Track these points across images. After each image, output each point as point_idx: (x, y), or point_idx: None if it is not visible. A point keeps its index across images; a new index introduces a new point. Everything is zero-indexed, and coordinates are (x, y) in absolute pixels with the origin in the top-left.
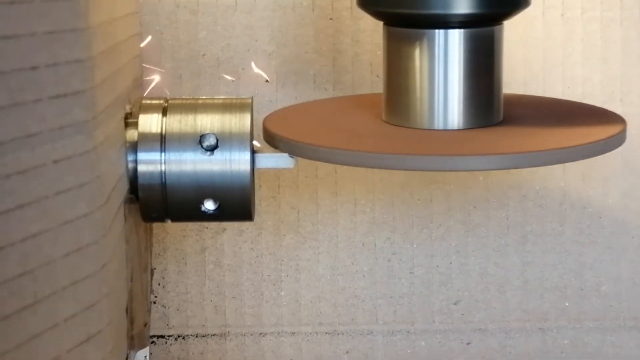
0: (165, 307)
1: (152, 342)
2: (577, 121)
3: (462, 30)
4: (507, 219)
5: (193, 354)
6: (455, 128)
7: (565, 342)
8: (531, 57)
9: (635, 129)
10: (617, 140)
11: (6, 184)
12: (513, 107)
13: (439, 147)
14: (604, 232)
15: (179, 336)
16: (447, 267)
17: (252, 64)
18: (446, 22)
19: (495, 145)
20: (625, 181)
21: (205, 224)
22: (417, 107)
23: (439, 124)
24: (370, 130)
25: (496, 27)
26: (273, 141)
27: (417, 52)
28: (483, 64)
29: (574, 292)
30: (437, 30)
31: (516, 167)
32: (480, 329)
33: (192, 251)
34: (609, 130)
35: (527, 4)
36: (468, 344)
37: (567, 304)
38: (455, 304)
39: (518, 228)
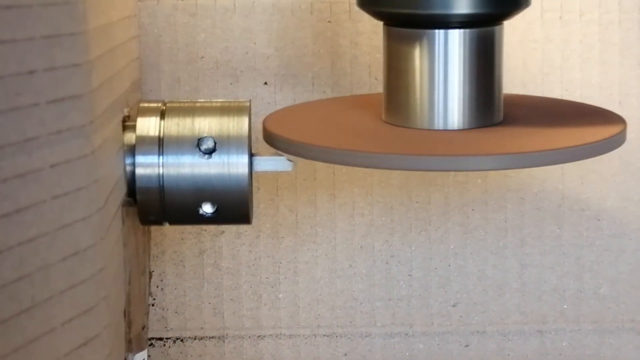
0: (163, 310)
1: (151, 344)
2: (577, 121)
3: (462, 30)
4: (506, 221)
5: (191, 356)
6: (456, 128)
7: (564, 344)
8: (530, 59)
9: (633, 131)
10: (617, 141)
11: (4, 188)
12: (513, 107)
13: (439, 147)
14: (602, 234)
15: (177, 339)
16: (446, 269)
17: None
18: (446, 22)
19: (496, 146)
20: (623, 183)
21: (204, 226)
22: (417, 107)
23: (439, 124)
24: (370, 130)
25: (496, 27)
26: (272, 141)
27: (417, 52)
28: (483, 64)
29: (573, 294)
30: (437, 31)
31: (516, 167)
32: (478, 332)
33: (191, 254)
34: (609, 131)
35: (527, 4)
36: (466, 346)
37: (565, 307)
38: (453, 306)
39: (516, 230)
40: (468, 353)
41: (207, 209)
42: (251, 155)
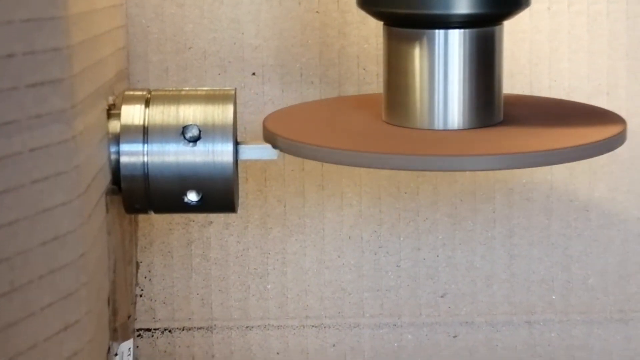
0: (151, 301)
1: (139, 335)
2: (577, 121)
3: (462, 30)
4: (494, 212)
5: (179, 347)
6: (456, 128)
7: (552, 335)
8: (518, 50)
9: None
10: (617, 140)
11: None
12: (513, 107)
13: (439, 147)
14: (591, 225)
15: (165, 329)
16: (434, 260)
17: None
18: (446, 22)
19: (496, 145)
20: (611, 174)
21: (192, 217)
22: (417, 107)
23: (439, 124)
24: (371, 130)
25: (496, 28)
26: (273, 141)
27: (417, 52)
28: (483, 64)
29: (561, 285)
30: (437, 31)
31: (516, 167)
32: (467, 322)
33: (179, 244)
34: (609, 130)
35: (527, 3)
36: (455, 337)
37: (554, 297)
38: (442, 297)
39: (505, 221)
40: (456, 344)
41: (192, 197)
42: (236, 144)
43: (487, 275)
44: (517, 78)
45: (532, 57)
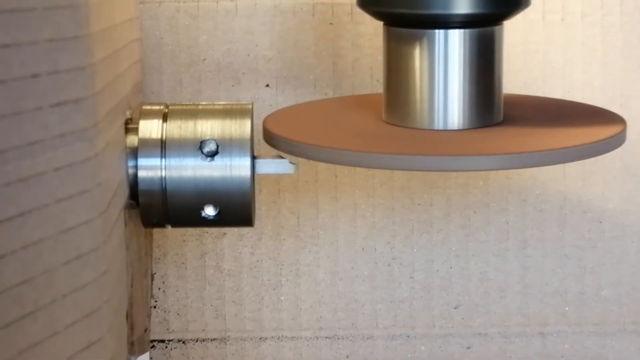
0: (165, 312)
1: (152, 346)
2: (577, 121)
3: (462, 30)
4: (507, 223)
5: (193, 358)
6: (456, 128)
7: (566, 346)
8: (531, 61)
9: (635, 133)
10: (617, 141)
11: (7, 192)
12: (513, 107)
13: (439, 147)
14: (604, 236)
15: (179, 341)
16: (447, 271)
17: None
18: (446, 22)
19: (496, 146)
20: (625, 185)
21: (206, 228)
22: (417, 107)
23: (439, 124)
24: (371, 130)
25: (496, 27)
26: (273, 141)
27: (417, 52)
28: (483, 64)
29: (574, 296)
30: (437, 31)
31: (516, 167)
32: (480, 334)
33: (192, 256)
34: (609, 130)
35: (527, 4)
36: (468, 348)
37: (567, 309)
38: (455, 308)
39: (518, 232)
40: (470, 355)
41: (209, 211)
42: (253, 158)
43: (501, 287)
44: (530, 89)
45: (545, 68)
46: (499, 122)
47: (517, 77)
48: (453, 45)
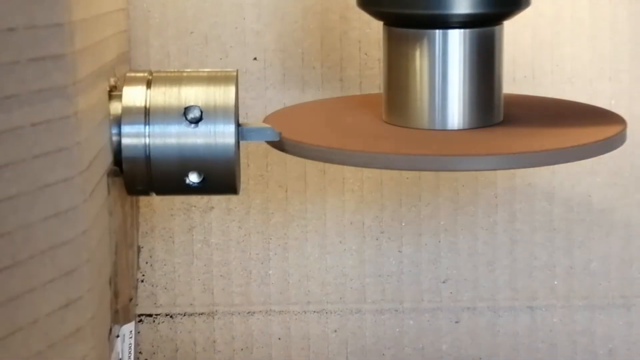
0: (153, 286)
1: (140, 320)
2: (577, 121)
3: (462, 30)
4: (496, 197)
5: (181, 332)
6: (455, 128)
7: (555, 320)
8: (520, 35)
9: (623, 106)
10: (617, 140)
11: None
12: (513, 107)
13: (439, 147)
14: (593, 210)
15: (166, 315)
16: (436, 245)
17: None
18: (446, 22)
19: (495, 146)
20: (613, 159)
21: (193, 202)
22: (417, 107)
23: (438, 124)
24: (371, 130)
25: (496, 28)
26: (272, 141)
27: (417, 52)
28: (483, 64)
29: (563, 270)
30: (437, 31)
31: (516, 167)
32: (469, 308)
33: (180, 230)
34: (609, 130)
35: (527, 3)
36: (457, 322)
37: (556, 282)
38: (443, 282)
39: (507, 206)
40: (458, 329)
41: (193, 178)
42: (238, 125)
43: (489, 261)
44: (519, 63)
45: (534, 42)
46: (499, 122)
47: (506, 52)
48: (453, 46)
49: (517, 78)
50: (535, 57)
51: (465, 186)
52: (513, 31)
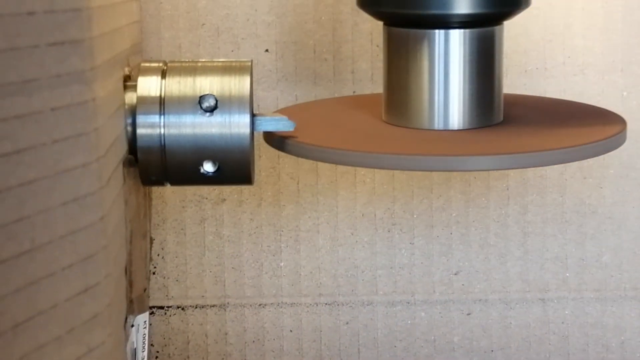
0: (164, 278)
1: (152, 312)
2: (577, 121)
3: (462, 30)
4: (508, 189)
5: (192, 324)
6: (456, 128)
7: (566, 312)
8: (532, 27)
9: (635, 99)
10: (617, 140)
11: (3, 127)
12: (513, 107)
13: (440, 147)
14: (605, 202)
15: (178, 307)
16: (448, 237)
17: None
18: (446, 23)
19: (496, 146)
20: (625, 151)
21: (205, 194)
22: (418, 107)
23: (439, 124)
24: (371, 130)
25: (496, 28)
26: (273, 141)
27: (417, 52)
28: (483, 64)
29: (575, 262)
30: (437, 31)
31: (516, 167)
32: (480, 300)
33: (192, 222)
34: (609, 130)
35: (527, 3)
36: (468, 314)
37: (567, 275)
38: (455, 274)
39: (518, 198)
40: (470, 321)
41: (208, 168)
42: (253, 115)
43: (501, 253)
44: (531, 55)
45: (546, 33)
46: (499, 122)
47: (517, 43)
48: (453, 46)
49: (528, 70)
50: (546, 49)
51: (477, 178)
52: (524, 22)
